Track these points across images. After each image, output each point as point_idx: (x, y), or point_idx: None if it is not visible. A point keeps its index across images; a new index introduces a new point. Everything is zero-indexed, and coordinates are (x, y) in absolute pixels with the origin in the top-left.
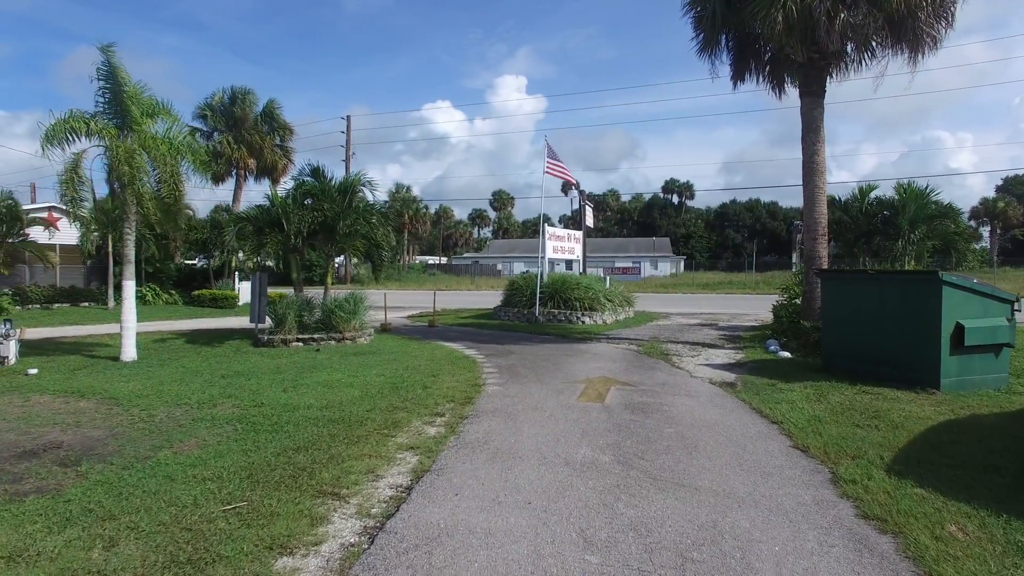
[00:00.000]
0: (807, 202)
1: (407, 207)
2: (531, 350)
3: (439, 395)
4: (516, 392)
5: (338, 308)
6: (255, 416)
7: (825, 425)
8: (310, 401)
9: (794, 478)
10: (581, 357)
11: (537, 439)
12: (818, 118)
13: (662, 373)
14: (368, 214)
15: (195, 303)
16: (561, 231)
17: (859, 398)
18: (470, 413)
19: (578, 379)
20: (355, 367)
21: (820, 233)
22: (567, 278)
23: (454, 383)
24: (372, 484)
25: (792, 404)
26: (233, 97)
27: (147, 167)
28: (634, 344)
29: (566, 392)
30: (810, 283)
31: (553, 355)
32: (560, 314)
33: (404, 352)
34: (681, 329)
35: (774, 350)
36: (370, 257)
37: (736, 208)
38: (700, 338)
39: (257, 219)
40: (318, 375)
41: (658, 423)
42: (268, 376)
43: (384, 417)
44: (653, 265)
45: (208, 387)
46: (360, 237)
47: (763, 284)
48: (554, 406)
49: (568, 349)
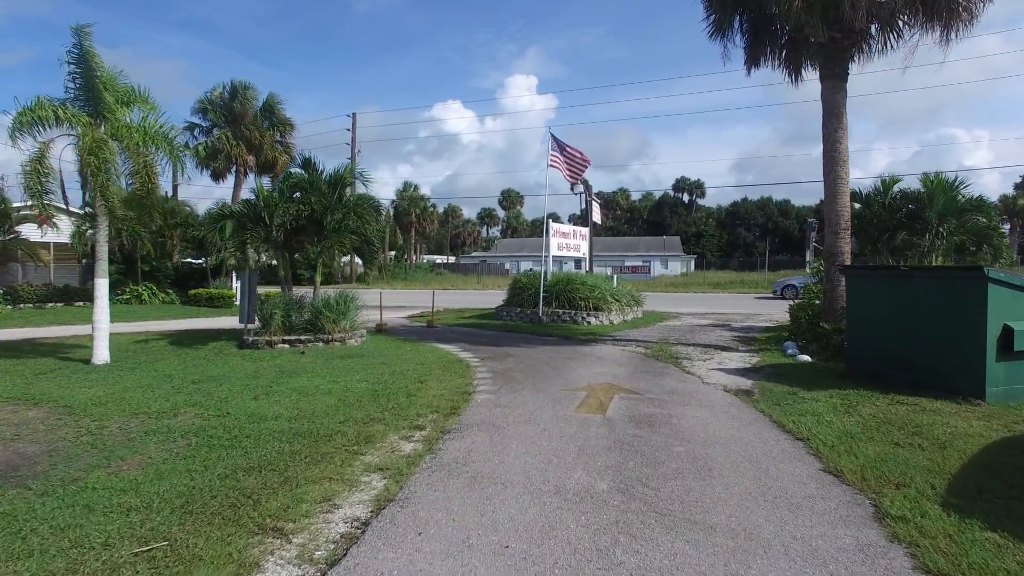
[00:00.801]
0: (828, 194)
1: (414, 206)
2: (530, 353)
3: (423, 404)
4: (508, 401)
5: (326, 308)
6: (215, 428)
7: (859, 443)
8: (280, 411)
9: (829, 512)
10: (584, 361)
11: (525, 460)
12: (840, 103)
13: (671, 379)
14: (359, 208)
15: (192, 302)
16: (566, 227)
17: (894, 409)
18: (454, 426)
19: (578, 386)
20: (338, 372)
21: (842, 227)
22: (572, 277)
23: (442, 390)
24: (325, 517)
25: (818, 417)
26: (233, 91)
27: (116, 158)
28: (641, 346)
29: (564, 401)
30: (831, 281)
31: (554, 358)
32: (565, 314)
33: (394, 355)
34: (692, 330)
35: (792, 354)
36: (360, 253)
37: (748, 206)
38: (712, 340)
39: (241, 214)
40: (296, 380)
41: (666, 439)
42: (243, 381)
43: (357, 430)
44: (663, 264)
45: (175, 394)
46: (350, 232)
47: None
48: (549, 418)
49: (570, 352)
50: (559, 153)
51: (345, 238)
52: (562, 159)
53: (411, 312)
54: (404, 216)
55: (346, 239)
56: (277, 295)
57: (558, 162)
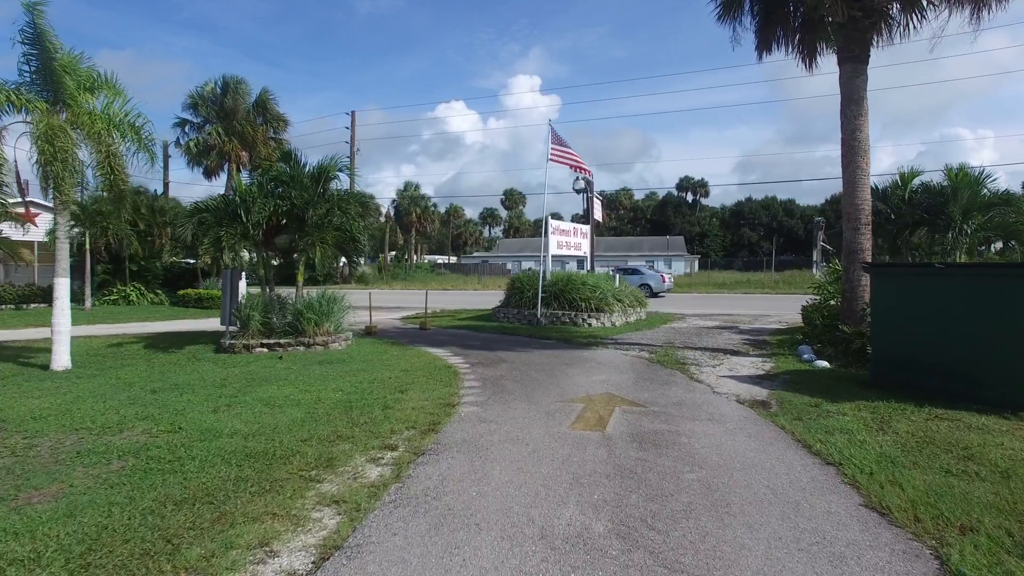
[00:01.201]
0: (847, 186)
1: (415, 205)
2: (525, 358)
3: (400, 419)
4: (496, 415)
5: (307, 310)
6: (160, 447)
7: (903, 470)
8: (238, 426)
9: (882, 568)
10: (583, 367)
11: (508, 491)
12: (860, 87)
13: (679, 388)
14: (344, 202)
15: (181, 303)
16: (566, 225)
17: (934, 426)
18: (430, 446)
19: (576, 396)
20: (313, 379)
21: (863, 222)
22: (572, 276)
23: (423, 402)
24: (254, 570)
25: (848, 435)
26: (225, 87)
27: (75, 147)
28: (645, 351)
29: (559, 415)
30: (850, 280)
31: (550, 364)
32: (564, 315)
33: (379, 360)
34: (698, 332)
35: (808, 359)
36: (344, 250)
37: (752, 206)
38: (721, 343)
39: (218, 210)
40: (265, 389)
41: (675, 464)
42: (207, 390)
43: (319, 451)
44: (667, 264)
45: (128, 405)
46: (334, 228)
47: (783, 283)
48: (540, 436)
49: (569, 357)
50: (559, 147)
51: (328, 234)
52: (563, 152)
53: (406, 313)
54: (405, 216)
55: (329, 235)
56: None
57: (559, 155)
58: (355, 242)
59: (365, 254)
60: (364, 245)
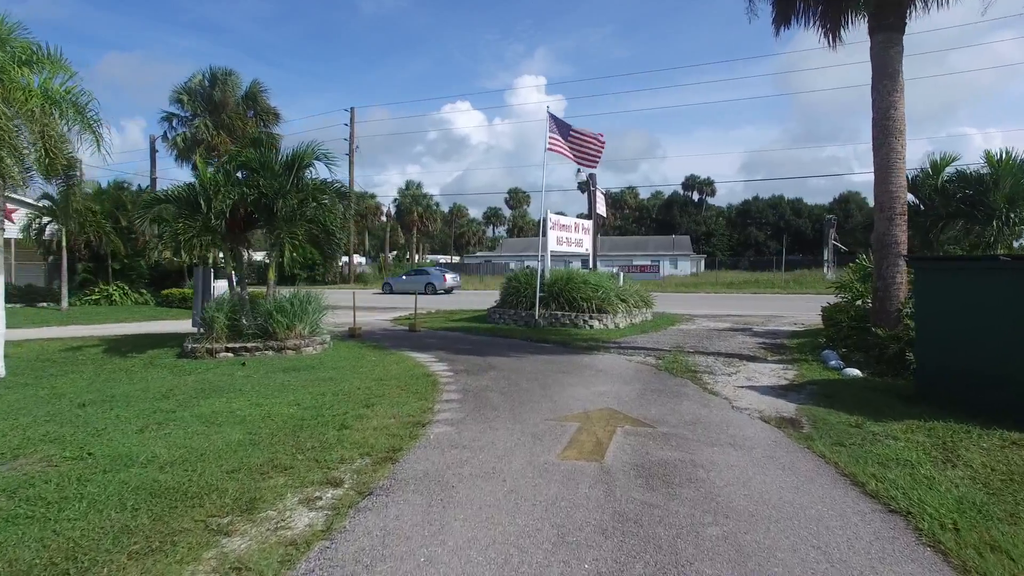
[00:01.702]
0: (880, 172)
1: (417, 203)
2: (517, 364)
3: (355, 442)
4: (472, 438)
5: (278, 311)
6: (49, 482)
7: (1000, 525)
8: (160, 451)
9: None
10: (581, 375)
11: (468, 556)
12: (895, 59)
13: (692, 402)
14: (320, 193)
15: (165, 303)
16: (567, 220)
17: (1016, 457)
18: (382, 482)
19: (571, 413)
20: (271, 390)
21: (898, 212)
22: (573, 275)
23: (389, 420)
24: None
25: (910, 470)
26: (213, 79)
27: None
28: (652, 356)
29: (548, 438)
30: (884, 278)
31: (544, 372)
32: (564, 316)
33: (352, 367)
34: (709, 335)
35: (836, 366)
36: (319, 245)
37: (759, 205)
38: (734, 347)
39: (180, 200)
40: (212, 402)
41: (693, 512)
42: (144, 404)
43: (244, 487)
44: (672, 264)
45: (43, 423)
46: (307, 221)
47: (793, 283)
48: (522, 468)
49: (566, 363)
50: (560, 136)
51: (300, 227)
52: (564, 143)
53: (400, 314)
54: (406, 214)
55: (300, 228)
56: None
57: (559, 145)
58: (331, 236)
59: (343, 250)
60: (341, 240)
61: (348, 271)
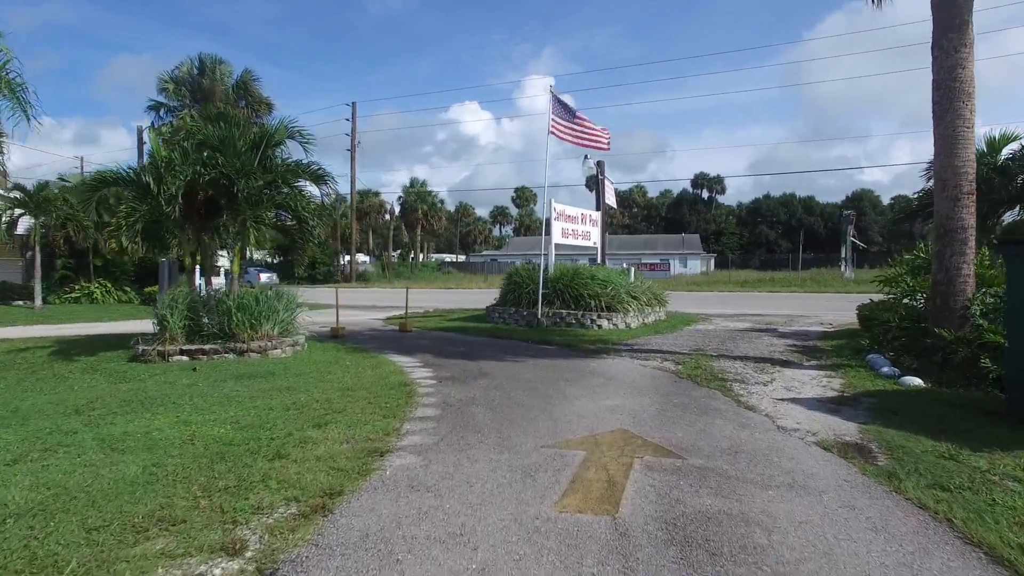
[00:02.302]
0: (943, 143)
1: (421, 201)
2: (514, 371)
3: (286, 480)
4: (441, 474)
5: (239, 309)
6: None
7: None
8: (15, 494)
9: None
10: (588, 384)
11: None
12: (963, 8)
13: (725, 421)
14: (291, 175)
15: (149, 301)
16: (573, 210)
17: None
18: (299, 550)
19: (574, 436)
20: (212, 403)
21: (965, 191)
22: (579, 270)
23: (341, 445)
24: None
25: None
26: (202, 67)
27: None
28: (670, 360)
29: (542, 475)
30: (947, 269)
31: (545, 380)
32: (569, 315)
33: (319, 374)
34: (731, 336)
35: (889, 373)
36: (289, 234)
37: (770, 203)
38: (762, 350)
39: (128, 180)
40: (130, 420)
41: None
42: (46, 421)
43: (96, 559)
44: (682, 263)
45: None
46: (276, 206)
47: (810, 281)
48: (501, 527)
49: (571, 369)
50: (563, 120)
51: (265, 212)
52: (567, 126)
53: (394, 313)
54: (410, 212)
55: (265, 214)
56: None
57: (562, 128)
58: (302, 224)
59: (316, 241)
60: (315, 228)
61: (350, 270)
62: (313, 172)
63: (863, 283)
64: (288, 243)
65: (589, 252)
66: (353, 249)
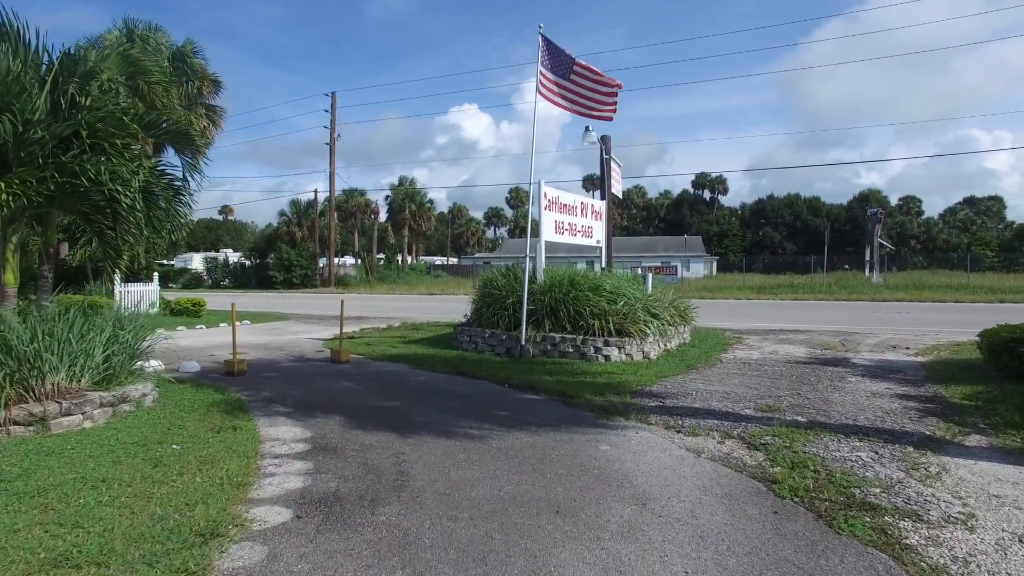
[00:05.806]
0: None
1: (410, 200)
2: (462, 474)
3: None
4: None
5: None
6: None
7: None
8: None
9: None
10: (600, 524)
11: None
12: None
13: None
14: (108, 127)
15: None
16: (569, 197)
17: None
18: None
19: None
20: None
21: None
22: (579, 277)
23: None
24: None
25: None
26: (130, 35)
27: None
28: (735, 435)
29: None
30: None
31: (514, 507)
32: (565, 341)
33: (77, 489)
34: (797, 375)
35: None
36: (94, 223)
37: (774, 204)
38: (864, 406)
39: None
40: None
41: None
42: None
43: None
44: (685, 266)
45: None
46: (67, 175)
47: (835, 287)
48: None
49: (567, 464)
50: (557, 75)
51: (51, 179)
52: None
53: (354, 328)
54: (398, 212)
55: (52, 184)
56: None
57: (553, 89)
58: (115, 204)
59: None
60: (139, 218)
61: (329, 274)
62: (167, 126)
63: (895, 289)
64: (96, 238)
65: (590, 253)
66: (331, 250)
